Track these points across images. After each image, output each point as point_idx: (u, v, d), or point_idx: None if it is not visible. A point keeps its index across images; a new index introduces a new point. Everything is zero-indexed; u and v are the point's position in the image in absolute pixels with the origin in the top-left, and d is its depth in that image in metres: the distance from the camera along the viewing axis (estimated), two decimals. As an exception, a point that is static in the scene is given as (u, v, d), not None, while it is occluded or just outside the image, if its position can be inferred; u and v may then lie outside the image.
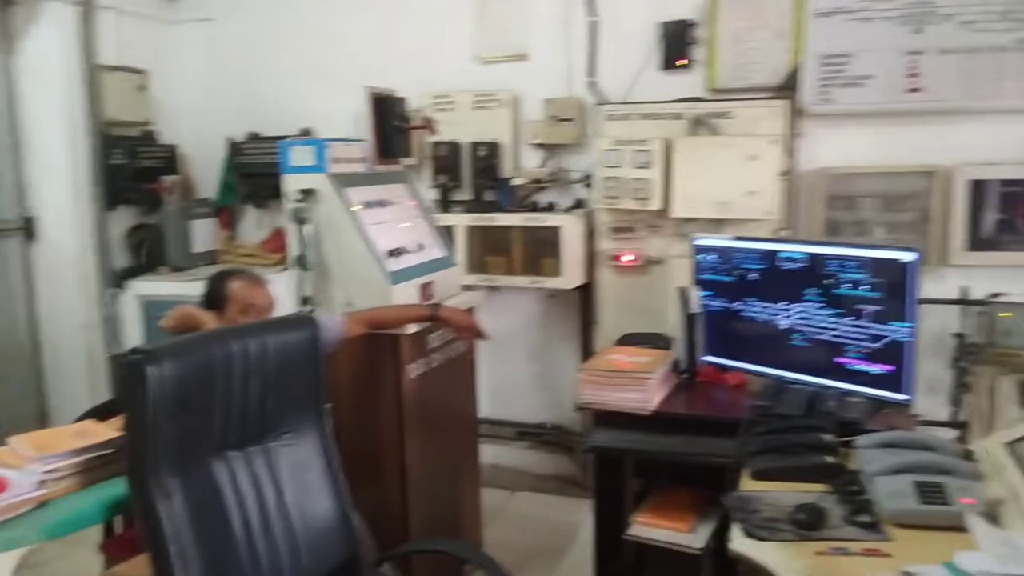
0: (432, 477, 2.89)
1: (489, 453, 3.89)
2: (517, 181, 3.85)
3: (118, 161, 3.95)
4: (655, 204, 3.46)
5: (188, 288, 3.87)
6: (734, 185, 3.34)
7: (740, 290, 2.55)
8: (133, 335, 4.02)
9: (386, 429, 2.69)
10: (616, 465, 2.66)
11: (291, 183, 2.75)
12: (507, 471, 4.06)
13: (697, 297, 2.62)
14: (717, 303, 2.62)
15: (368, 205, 2.84)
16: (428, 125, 3.06)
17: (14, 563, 1.47)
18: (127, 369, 1.40)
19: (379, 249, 2.75)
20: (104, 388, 3.99)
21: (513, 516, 3.70)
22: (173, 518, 1.42)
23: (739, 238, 2.62)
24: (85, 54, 3.84)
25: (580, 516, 3.57)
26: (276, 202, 4.24)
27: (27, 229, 3.91)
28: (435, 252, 3.08)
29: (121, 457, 1.72)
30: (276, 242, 4.25)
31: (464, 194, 3.94)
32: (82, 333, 3.93)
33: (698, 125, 3.48)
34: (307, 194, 2.71)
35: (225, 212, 4.32)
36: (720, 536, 2.34)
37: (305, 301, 2.76)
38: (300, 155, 2.74)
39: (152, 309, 3.98)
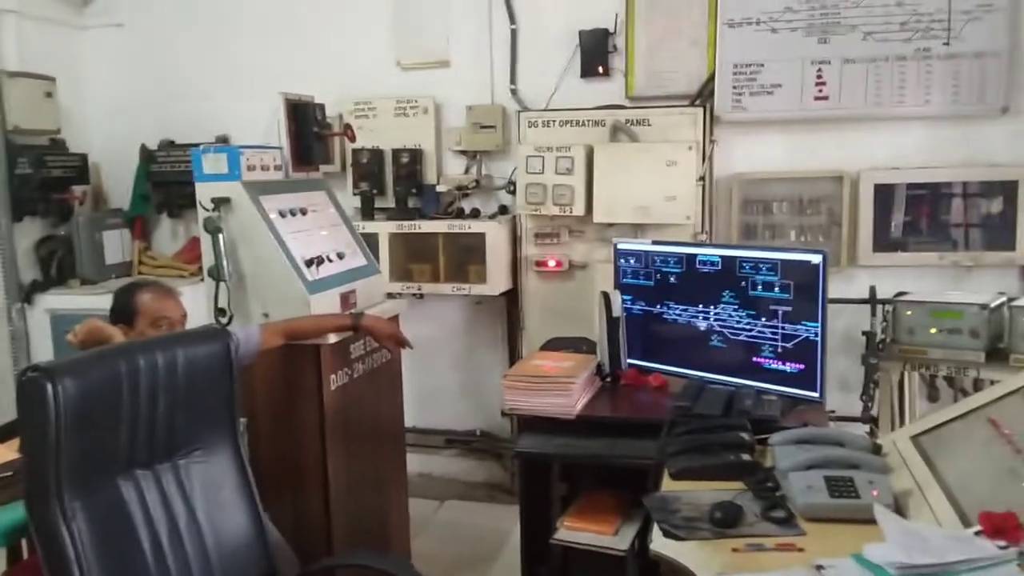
0: (357, 488, 2.84)
1: (417, 462, 3.86)
2: (441, 188, 3.83)
3: (24, 171, 3.77)
4: (578, 210, 3.50)
5: (100, 301, 3.72)
6: (653, 190, 3.40)
7: (660, 293, 2.59)
8: (43, 351, 3.84)
9: (307, 441, 2.64)
10: (543, 470, 2.66)
11: (204, 191, 2.67)
12: (436, 480, 4.04)
13: (619, 301, 2.65)
14: (638, 306, 2.66)
15: (285, 213, 2.78)
16: (347, 132, 3.02)
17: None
18: (24, 387, 1.33)
19: (297, 258, 2.69)
20: (12, 407, 3.80)
21: (442, 525, 3.67)
22: (76, 541, 1.35)
23: (658, 242, 2.66)
24: (-15, 58, 3.67)
25: (509, 523, 3.55)
26: (192, 211, 4.11)
27: (-77, 242, 3.71)
28: (356, 260, 3.04)
29: (20, 480, 1.64)
30: (192, 252, 4.13)
31: (387, 201, 3.91)
32: (-14, 350, 3.75)
33: (618, 132, 3.53)
34: (221, 203, 2.64)
35: (138, 222, 4.18)
36: (644, 537, 2.37)
37: (220, 313, 2.69)
38: (213, 163, 2.66)
39: (62, 324, 3.80)
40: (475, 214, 3.80)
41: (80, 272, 3.93)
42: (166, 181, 4.04)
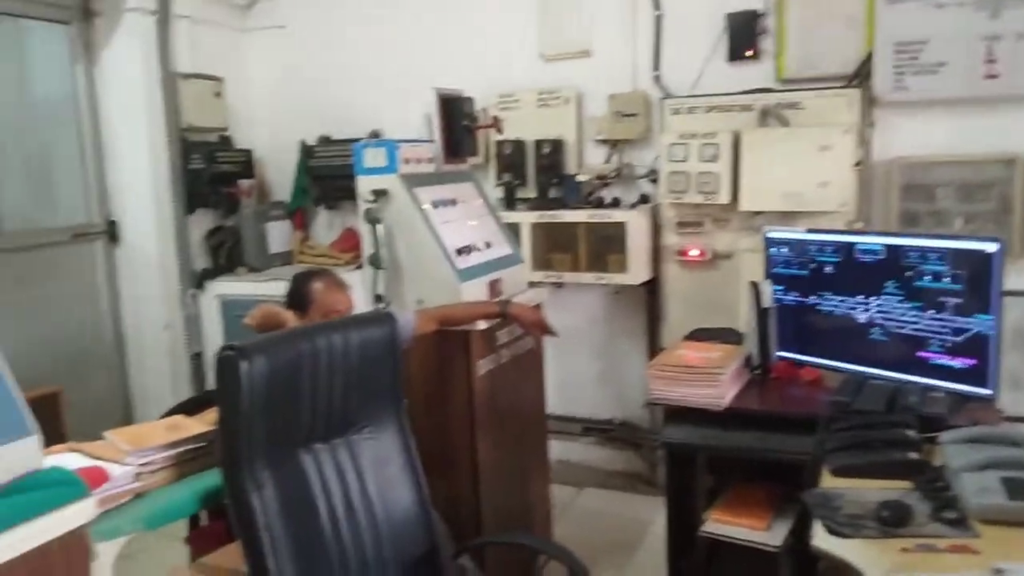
0: (503, 472, 2.92)
1: (556, 449, 3.91)
2: (582, 177, 3.85)
3: (196, 166, 4.09)
4: (723, 198, 3.43)
5: (265, 288, 4.00)
6: (805, 177, 3.28)
7: (814, 284, 2.51)
8: (213, 334, 4.16)
9: (457, 425, 2.73)
10: (688, 461, 2.64)
11: (364, 184, 2.81)
12: (574, 467, 4.08)
13: (769, 291, 2.58)
14: (790, 297, 2.58)
15: (437, 204, 2.88)
16: (495, 124, 3.09)
17: (116, 551, 1.55)
18: (221, 364, 1.46)
19: (448, 247, 2.79)
20: (186, 385, 4.15)
21: (581, 512, 3.71)
22: (265, 508, 1.48)
23: (813, 230, 2.58)
24: (162, 62, 3.99)
25: (649, 513, 3.57)
26: (346, 203, 4.36)
27: (110, 232, 4.08)
28: (502, 249, 3.11)
29: (212, 450, 1.80)
30: (347, 242, 4.35)
31: (529, 192, 3.97)
32: (164, 332, 4.09)
33: (767, 116, 3.43)
34: (379, 195, 2.77)
35: (298, 214, 4.44)
36: (797, 534, 2.32)
37: (378, 299, 2.82)
38: (372, 157, 2.80)
39: (231, 309, 4.11)
40: (615, 203, 3.80)
41: (246, 260, 4.22)
42: (323, 175, 4.27)
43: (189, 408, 2.58)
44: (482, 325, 2.72)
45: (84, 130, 4.00)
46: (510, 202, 3.93)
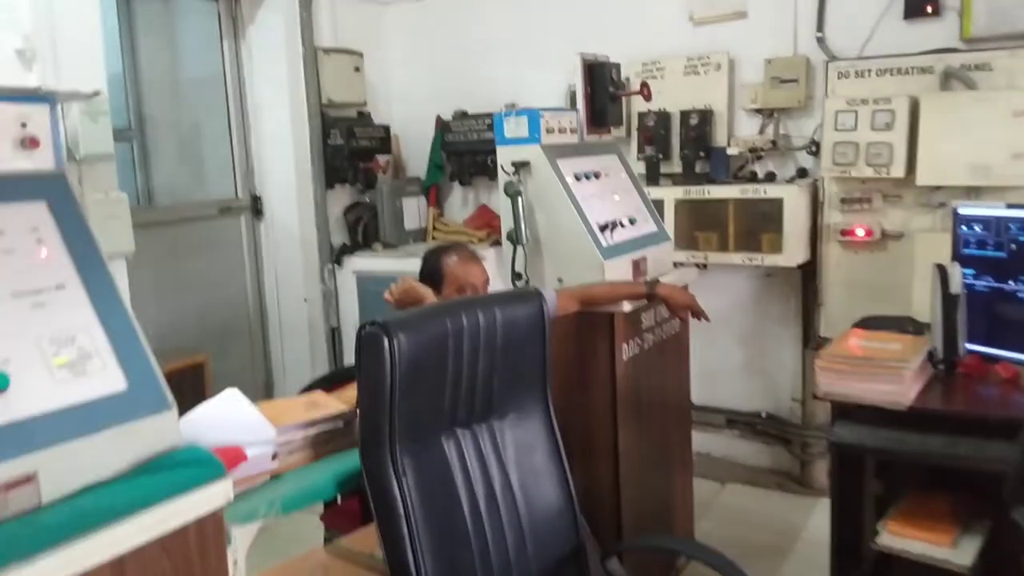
0: (644, 464, 2.74)
1: (697, 441, 3.66)
2: (732, 150, 3.58)
3: (336, 141, 4.10)
4: (896, 171, 3.08)
5: (400, 264, 3.96)
6: (996, 147, 2.89)
7: (1016, 268, 2.17)
8: (349, 309, 4.18)
9: (598, 412, 2.57)
10: (854, 463, 2.37)
11: (504, 155, 2.68)
12: (716, 461, 3.84)
13: (959, 275, 2.26)
14: (983, 282, 2.25)
15: (580, 177, 2.72)
16: (643, 91, 2.88)
17: (251, 536, 1.49)
18: (363, 341, 1.36)
19: (592, 223, 2.62)
20: (324, 358, 4.19)
21: (725, 510, 3.47)
22: (405, 496, 1.37)
23: (1014, 206, 2.23)
24: (305, 37, 4.00)
25: (801, 515, 3.30)
26: (481, 179, 4.26)
27: (254, 207, 4.16)
28: (647, 226, 2.91)
29: (350, 430, 1.72)
30: (481, 219, 4.26)
31: (673, 166, 3.73)
32: (304, 306, 4.14)
33: (951, 79, 3.04)
34: (520, 167, 2.63)
35: (433, 190, 4.39)
36: (989, 552, 2.03)
37: (517, 276, 2.69)
38: (514, 126, 2.66)
39: (366, 284, 4.11)
40: (770, 178, 3.50)
41: (382, 237, 4.21)
42: (459, 150, 4.19)
43: (326, 384, 2.55)
44: (627, 307, 2.54)
45: (231, 106, 4.08)
46: (653, 177, 3.71)
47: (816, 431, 3.56)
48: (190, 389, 3.08)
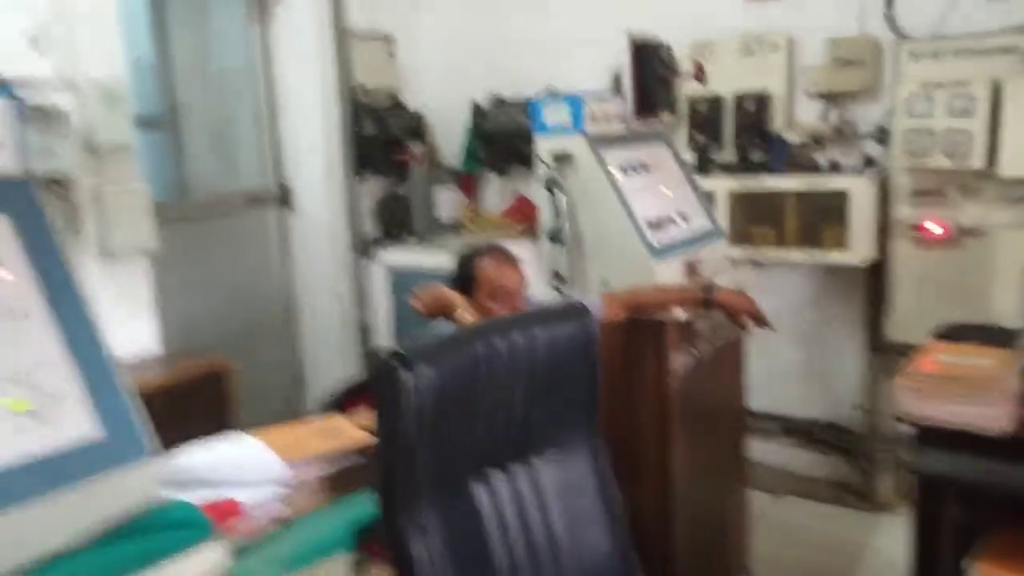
0: (696, 485, 2.52)
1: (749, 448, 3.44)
2: (791, 138, 3.31)
3: (368, 130, 3.91)
4: (976, 161, 2.79)
5: (433, 259, 3.77)
6: (1094, 135, 2.59)
7: None
8: (381, 304, 4.00)
9: (647, 430, 2.35)
10: (934, 489, 2.12)
11: (543, 146, 2.46)
12: (769, 470, 3.59)
13: (1061, 282, 1.99)
14: (1088, 291, 1.98)
15: (627, 169, 2.49)
16: (698, 73, 2.63)
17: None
18: (381, 376, 1.15)
19: (641, 220, 2.39)
20: (355, 358, 4.02)
21: (780, 524, 3.23)
22: (431, 560, 1.17)
23: None
24: (335, 20, 3.81)
25: (864, 532, 3.05)
26: (518, 168, 4.03)
27: (283, 197, 3.99)
28: (701, 223, 2.68)
29: (371, 468, 1.52)
30: (518, 211, 4.04)
31: (726, 155, 3.47)
32: (334, 301, 3.97)
33: (1041, 60, 2.74)
34: (561, 159, 2.41)
35: (467, 180, 4.18)
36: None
37: (558, 278, 2.48)
38: (554, 113, 2.44)
39: (399, 279, 3.93)
40: (834, 168, 3.23)
41: (415, 229, 4.01)
42: (494, 138, 3.97)
43: (354, 394, 2.38)
44: (680, 314, 2.31)
45: (259, 93, 3.91)
46: (703, 167, 3.45)
47: (882, 442, 3.29)
48: (212, 400, 2.93)
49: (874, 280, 3.24)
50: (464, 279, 2.15)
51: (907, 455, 2.09)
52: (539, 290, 2.47)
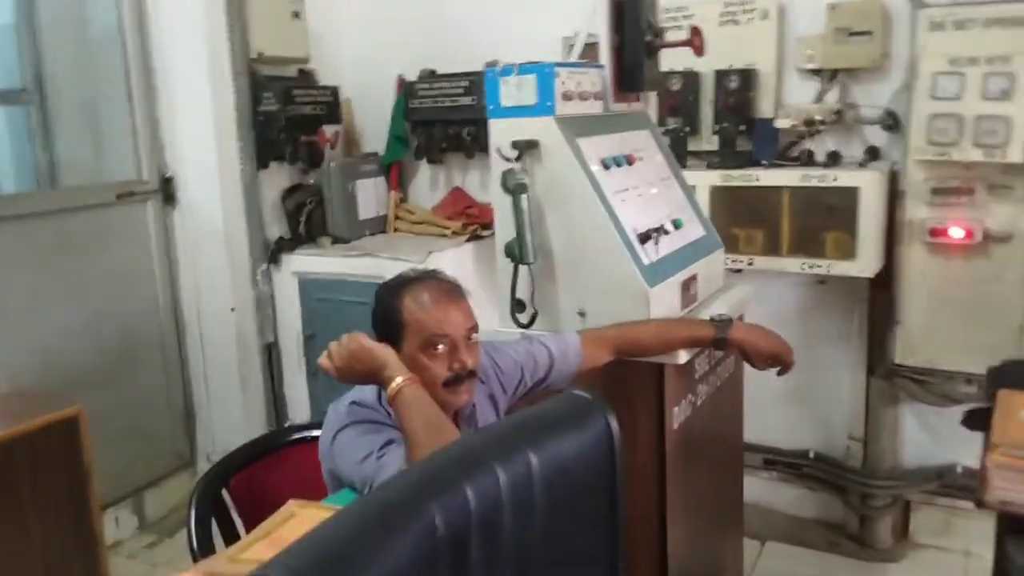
0: (695, 541, 1.99)
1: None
2: (781, 123, 2.78)
3: (269, 108, 3.20)
4: (1014, 154, 2.32)
5: (353, 265, 3.13)
6: None
7: None
8: (290, 320, 3.33)
9: (639, 496, 1.79)
10: None
11: (501, 132, 1.85)
12: (753, 511, 3.06)
13: None
14: None
15: (609, 164, 1.90)
16: (694, 40, 2.06)
17: None
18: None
19: (629, 231, 1.81)
20: (259, 385, 3.34)
21: (770, 579, 2.74)
22: None
23: None
24: (227, -28, 3.09)
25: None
26: (455, 156, 3.41)
27: (165, 191, 3.26)
28: (694, 230, 2.12)
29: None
30: (454, 206, 3.42)
31: (703, 142, 2.93)
32: (231, 317, 3.28)
33: (1093, 32, 2.28)
34: (525, 149, 1.80)
35: (394, 169, 3.52)
36: None
37: (519, 307, 1.88)
38: (515, 90, 1.82)
39: (311, 289, 3.26)
40: (832, 160, 2.72)
41: (331, 229, 3.34)
42: (426, 119, 3.33)
43: (258, 453, 1.76)
44: (684, 357, 1.75)
45: (131, 62, 3.15)
46: (679, 157, 2.87)
47: (881, 478, 2.83)
48: (57, 454, 2.22)
49: (875, 291, 2.76)
50: (387, 324, 1.52)
51: (994, 552, 1.58)
52: (493, 327, 1.87)
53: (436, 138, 3.33)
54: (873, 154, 2.72)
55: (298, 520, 1.25)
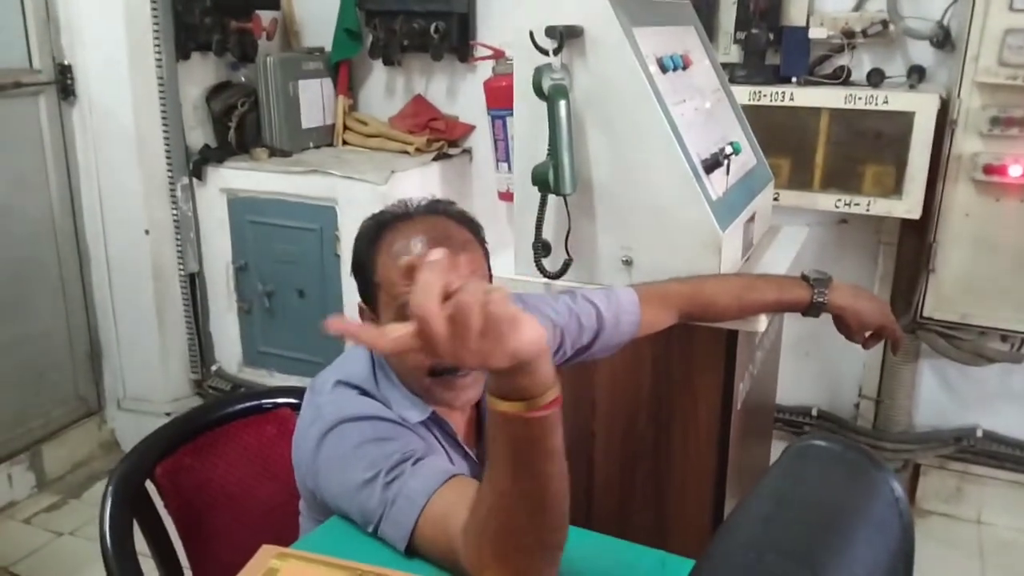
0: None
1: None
2: (816, 33, 2.37)
3: (191, -16, 2.60)
4: (1101, 81, 1.99)
5: (297, 184, 2.62)
6: None
7: None
8: (217, 246, 2.80)
9: (692, 485, 1.43)
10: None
11: (532, 13, 1.37)
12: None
13: None
14: None
15: (667, 66, 1.45)
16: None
17: None
18: None
19: (694, 156, 1.39)
20: (180, 324, 2.82)
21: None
22: None
23: None
24: None
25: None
26: (418, 57, 2.88)
27: (61, 83, 2.63)
28: (747, 157, 1.71)
29: None
30: (416, 117, 2.90)
31: (722, 53, 2.49)
32: (145, 240, 2.72)
33: None
34: (565, 38, 1.33)
35: (343, 69, 2.95)
36: None
37: (543, 249, 1.44)
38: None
39: (242, 210, 2.74)
40: (875, 79, 2.33)
41: (268, 138, 2.78)
42: (385, 9, 2.77)
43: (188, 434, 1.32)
44: (763, 323, 1.36)
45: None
46: (693, 69, 2.45)
47: (891, 443, 2.57)
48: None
49: (909, 234, 2.43)
50: (361, 283, 1.07)
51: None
52: (506, 276, 1.44)
53: (397, 34, 2.78)
54: (919, 75, 2.35)
55: (282, 581, 0.82)
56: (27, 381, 2.66)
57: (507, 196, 2.55)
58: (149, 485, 1.36)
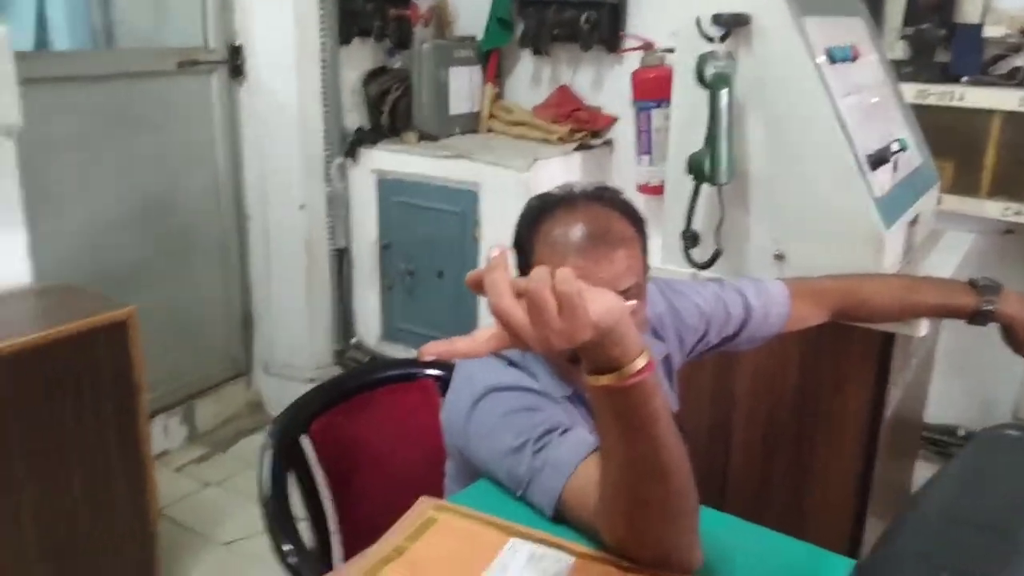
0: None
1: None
2: (992, 31, 2.22)
3: (356, -27, 2.72)
4: None
5: (444, 168, 2.70)
6: None
7: None
8: (365, 223, 2.93)
9: (835, 501, 1.39)
10: None
11: (700, 3, 1.36)
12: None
13: None
14: None
15: (836, 58, 1.41)
16: None
17: None
18: None
19: (860, 153, 1.34)
20: (327, 295, 2.97)
21: None
22: None
23: None
24: None
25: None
26: (566, 48, 2.90)
27: (232, 62, 2.82)
28: (912, 156, 1.63)
29: None
30: (560, 107, 2.93)
31: (887, 48, 2.38)
32: (300, 215, 2.88)
33: None
34: (732, 26, 1.32)
35: (493, 58, 3.02)
36: None
37: (692, 241, 1.43)
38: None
39: (392, 191, 2.85)
40: (1056, 82, 2.17)
41: (418, 122, 2.89)
42: (539, 1, 2.81)
43: (334, 398, 1.40)
44: (924, 328, 1.30)
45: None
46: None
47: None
48: (106, 358, 1.87)
49: (1085, 250, 2.26)
50: (519, 260, 1.10)
51: None
52: (654, 265, 1.44)
53: (548, 23, 2.82)
54: (1110, 78, 2.17)
55: (439, 531, 0.87)
56: (185, 341, 2.87)
57: (647, 189, 2.54)
58: (304, 441, 1.45)
